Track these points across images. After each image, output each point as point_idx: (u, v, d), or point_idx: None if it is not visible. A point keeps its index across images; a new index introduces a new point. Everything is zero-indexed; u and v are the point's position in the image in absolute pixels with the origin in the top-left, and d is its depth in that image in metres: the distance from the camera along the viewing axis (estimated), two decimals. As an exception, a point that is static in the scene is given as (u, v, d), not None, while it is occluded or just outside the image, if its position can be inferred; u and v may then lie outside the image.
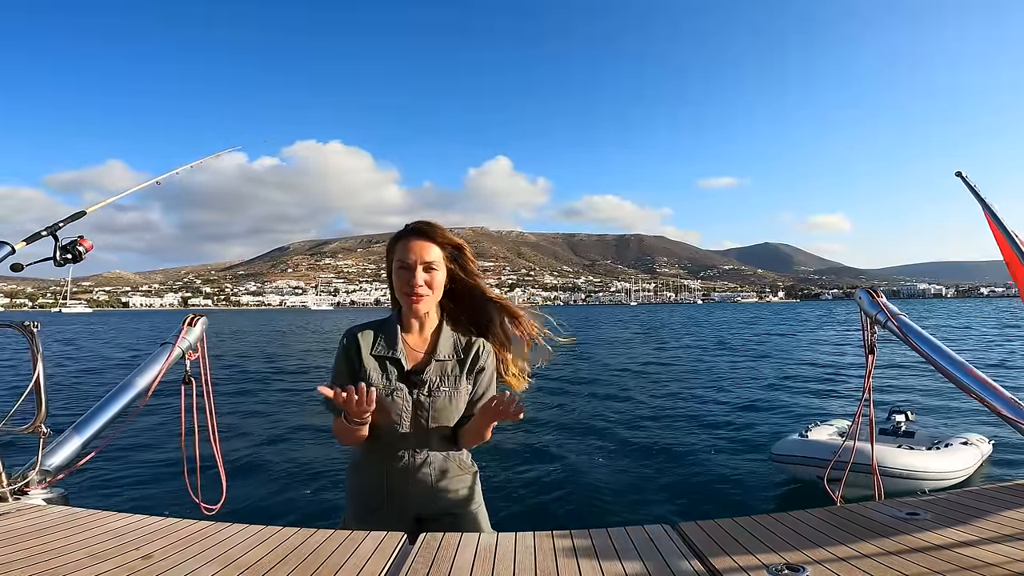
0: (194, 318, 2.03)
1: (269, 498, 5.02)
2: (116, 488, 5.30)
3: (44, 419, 1.61)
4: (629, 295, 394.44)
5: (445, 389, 1.47)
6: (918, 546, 1.06)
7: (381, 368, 1.47)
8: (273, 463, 6.09)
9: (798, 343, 22.60)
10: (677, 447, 6.56)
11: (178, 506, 4.32)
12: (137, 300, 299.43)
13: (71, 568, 1.05)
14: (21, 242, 1.70)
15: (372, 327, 1.52)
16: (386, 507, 1.47)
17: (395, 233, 1.51)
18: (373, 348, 1.48)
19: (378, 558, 1.09)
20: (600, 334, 30.62)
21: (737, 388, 10.97)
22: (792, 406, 9.08)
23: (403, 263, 1.44)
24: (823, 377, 12.58)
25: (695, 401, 9.61)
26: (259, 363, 17.00)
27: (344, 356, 1.49)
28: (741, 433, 7.26)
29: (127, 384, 1.85)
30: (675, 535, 1.16)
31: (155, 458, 6.14)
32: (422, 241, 1.45)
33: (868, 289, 2.22)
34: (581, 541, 1.15)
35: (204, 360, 1.98)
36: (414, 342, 1.51)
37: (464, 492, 1.52)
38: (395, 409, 1.44)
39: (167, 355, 1.90)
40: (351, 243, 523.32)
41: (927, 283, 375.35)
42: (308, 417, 8.45)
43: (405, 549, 1.13)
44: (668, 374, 13.53)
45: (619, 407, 9.11)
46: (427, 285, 1.44)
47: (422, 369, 1.48)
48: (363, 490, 1.50)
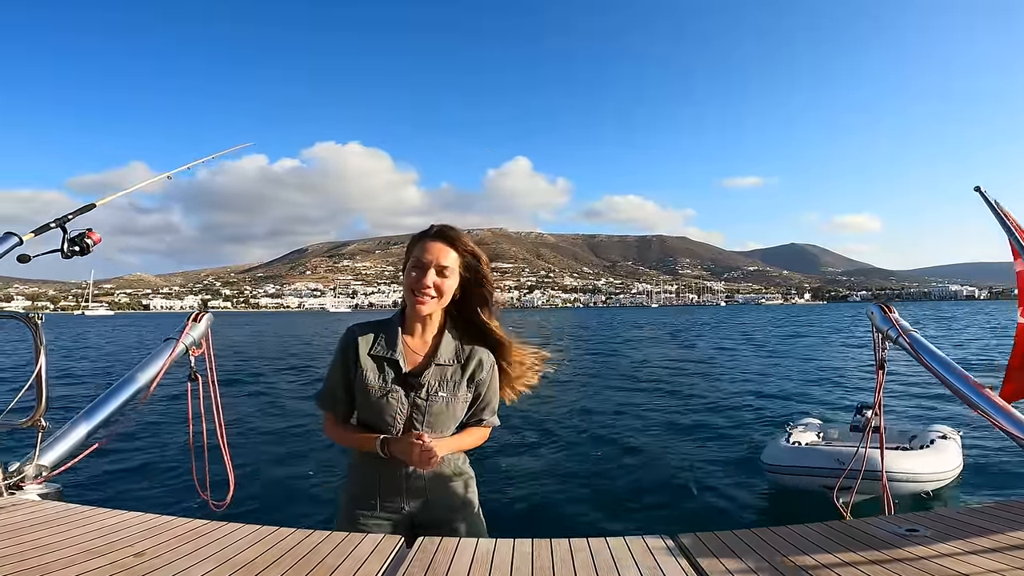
0: (199, 314, 2.01)
1: (273, 496, 5.00)
2: (117, 484, 5.26)
3: (44, 413, 1.60)
4: (651, 297, 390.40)
5: (443, 394, 1.46)
6: (917, 564, 1.06)
7: (379, 368, 1.46)
8: (279, 461, 6.07)
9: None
10: (680, 455, 6.36)
11: (182, 503, 4.35)
12: (157, 303, 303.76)
13: (62, 564, 1.04)
14: (29, 233, 1.70)
15: (373, 327, 1.52)
16: (379, 510, 1.46)
17: (417, 232, 1.51)
18: (372, 348, 1.48)
19: (374, 561, 1.08)
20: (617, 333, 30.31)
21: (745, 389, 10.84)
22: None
23: (418, 262, 1.44)
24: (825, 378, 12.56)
25: (701, 407, 9.33)
26: (269, 362, 17.14)
27: (341, 354, 1.50)
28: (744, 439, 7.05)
29: (129, 380, 1.83)
30: (674, 547, 1.15)
31: (158, 454, 6.11)
32: (441, 244, 1.45)
33: (881, 304, 2.23)
34: (579, 550, 1.14)
35: (210, 356, 1.96)
36: (415, 344, 1.51)
37: (460, 497, 1.51)
38: (390, 411, 1.43)
39: (170, 351, 1.87)
40: (369, 244, 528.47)
41: (959, 284, 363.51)
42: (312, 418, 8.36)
43: (402, 552, 1.13)
44: (683, 377, 13.33)
45: (625, 412, 8.87)
46: (436, 288, 1.44)
47: (420, 372, 1.47)
48: (357, 492, 1.49)
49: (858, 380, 12.09)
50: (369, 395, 1.45)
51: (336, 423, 1.52)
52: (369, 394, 1.45)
